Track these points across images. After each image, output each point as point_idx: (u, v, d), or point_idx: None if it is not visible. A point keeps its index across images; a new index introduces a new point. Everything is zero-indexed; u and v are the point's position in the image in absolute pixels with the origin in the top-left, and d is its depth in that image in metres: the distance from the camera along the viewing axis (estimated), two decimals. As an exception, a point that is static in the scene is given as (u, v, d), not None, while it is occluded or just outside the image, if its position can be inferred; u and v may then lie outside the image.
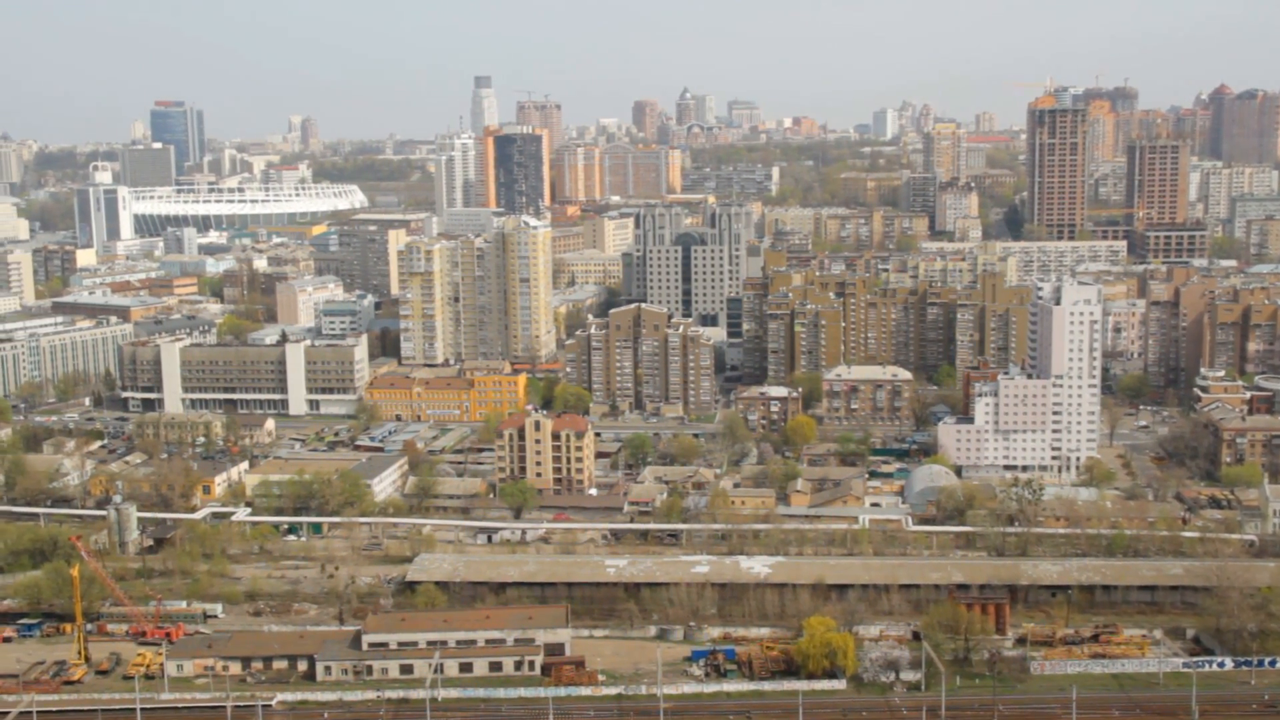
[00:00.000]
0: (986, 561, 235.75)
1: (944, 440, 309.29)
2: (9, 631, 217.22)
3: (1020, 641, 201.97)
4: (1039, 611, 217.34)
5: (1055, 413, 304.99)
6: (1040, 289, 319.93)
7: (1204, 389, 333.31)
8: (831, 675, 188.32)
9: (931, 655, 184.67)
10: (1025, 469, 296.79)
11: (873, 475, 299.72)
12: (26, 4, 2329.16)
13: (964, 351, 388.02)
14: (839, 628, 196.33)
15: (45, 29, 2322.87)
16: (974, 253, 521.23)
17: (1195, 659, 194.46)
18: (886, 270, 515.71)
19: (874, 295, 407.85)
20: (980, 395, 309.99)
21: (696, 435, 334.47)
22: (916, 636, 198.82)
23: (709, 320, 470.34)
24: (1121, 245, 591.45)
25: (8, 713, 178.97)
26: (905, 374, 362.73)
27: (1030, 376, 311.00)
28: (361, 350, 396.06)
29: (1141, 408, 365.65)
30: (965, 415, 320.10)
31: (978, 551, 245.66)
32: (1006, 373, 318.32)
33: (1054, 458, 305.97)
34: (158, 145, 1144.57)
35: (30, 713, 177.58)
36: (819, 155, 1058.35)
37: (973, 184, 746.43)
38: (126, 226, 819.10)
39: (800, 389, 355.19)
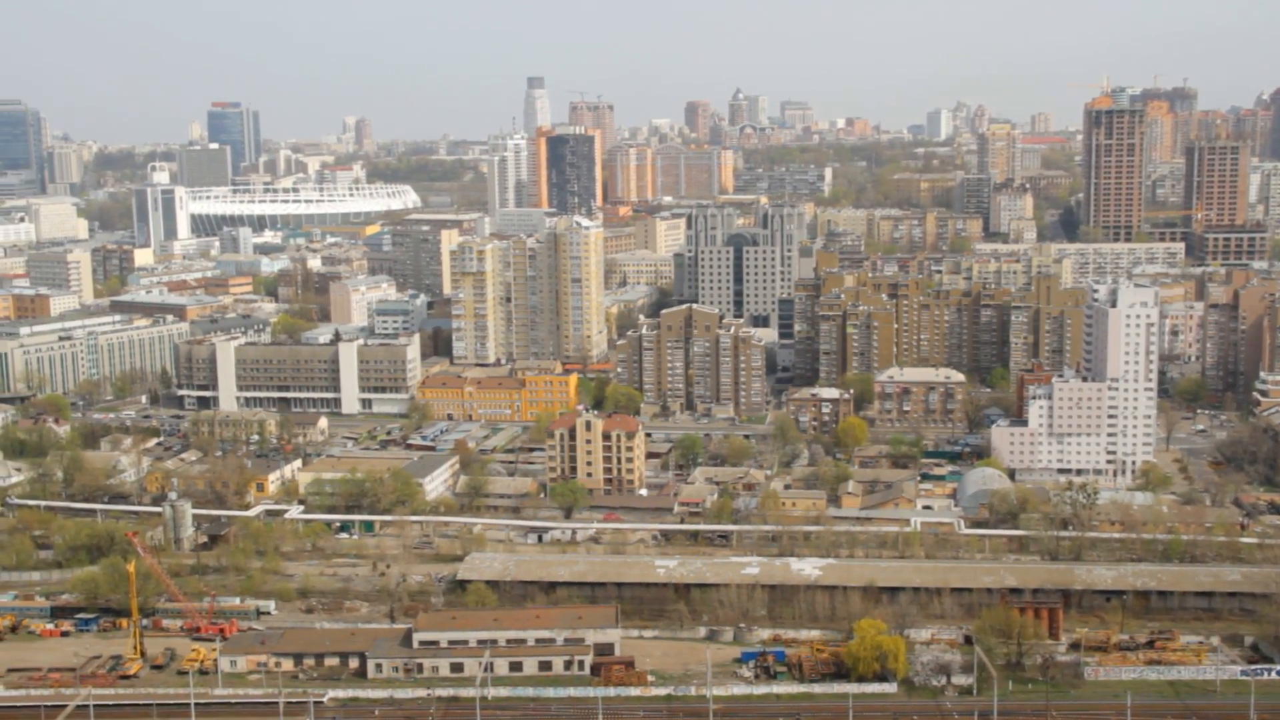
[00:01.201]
0: (1040, 566, 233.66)
1: (997, 443, 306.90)
2: (67, 625, 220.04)
3: (1074, 647, 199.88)
4: (1093, 617, 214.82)
5: (1110, 416, 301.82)
6: (1096, 291, 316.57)
7: (1263, 393, 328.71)
8: (882, 678, 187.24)
9: (983, 659, 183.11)
10: (1079, 473, 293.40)
11: (925, 478, 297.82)
12: (87, 9, 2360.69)
13: (1018, 354, 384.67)
14: (890, 631, 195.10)
15: (105, 32, 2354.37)
16: (1028, 254, 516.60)
17: (1254, 667, 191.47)
18: (940, 272, 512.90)
19: (927, 297, 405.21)
20: (1034, 398, 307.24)
21: (747, 436, 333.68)
22: (968, 640, 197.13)
23: (760, 321, 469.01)
24: (1179, 247, 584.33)
25: (65, 705, 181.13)
26: (958, 376, 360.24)
27: (1085, 379, 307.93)
28: (414, 349, 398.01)
29: (1199, 412, 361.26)
30: (1019, 418, 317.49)
31: (1031, 555, 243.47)
32: (1061, 375, 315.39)
33: (1109, 462, 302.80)
34: (214, 146, 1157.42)
35: (87, 706, 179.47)
36: (872, 156, 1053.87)
37: (1028, 185, 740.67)
38: (183, 226, 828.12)
39: (852, 391, 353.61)
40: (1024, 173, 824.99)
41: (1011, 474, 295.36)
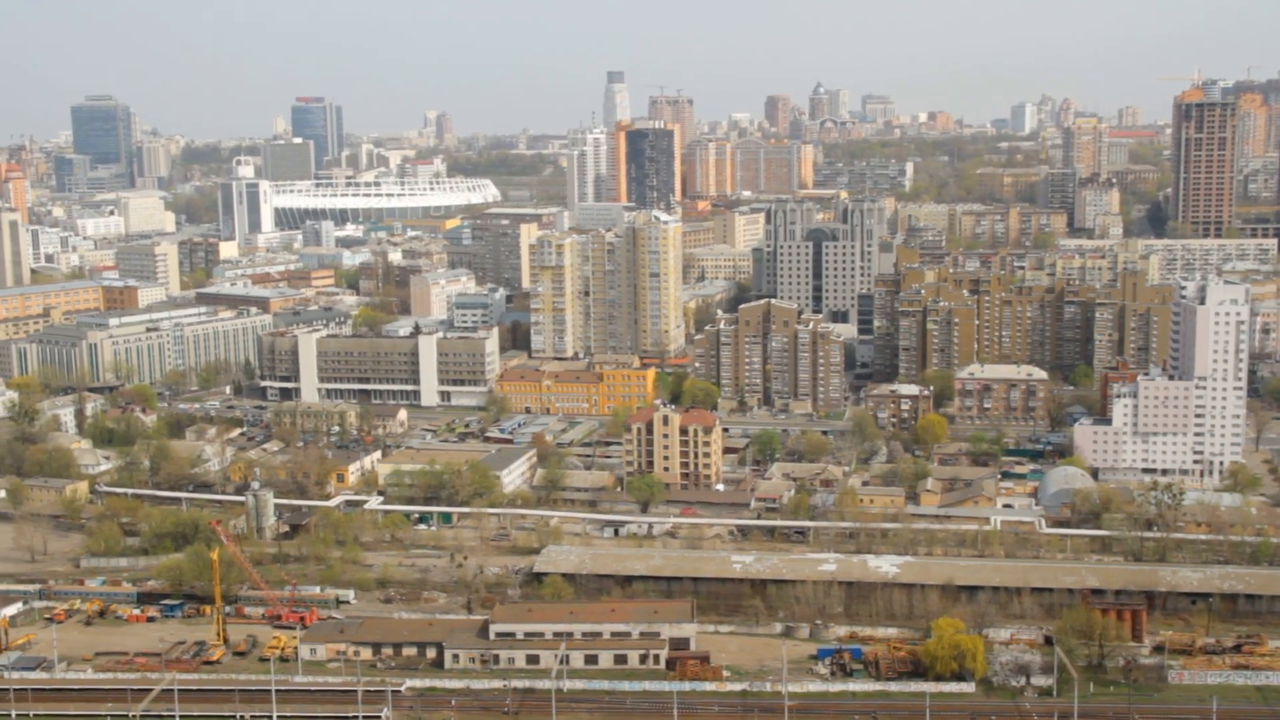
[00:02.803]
0: (1123, 567, 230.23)
1: (1080, 442, 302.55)
2: (153, 611, 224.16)
3: (1158, 649, 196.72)
4: (1177, 619, 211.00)
5: (1198, 416, 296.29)
6: (1184, 288, 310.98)
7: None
8: (960, 678, 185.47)
9: (1064, 660, 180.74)
10: (1165, 473, 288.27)
11: (1005, 476, 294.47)
12: (176, 5, 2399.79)
13: (1102, 351, 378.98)
14: (968, 630, 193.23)
15: (193, 28, 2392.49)
16: (1114, 250, 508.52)
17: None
18: (1023, 268, 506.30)
19: (1009, 293, 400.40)
20: (1119, 396, 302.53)
21: (825, 432, 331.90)
22: (1048, 641, 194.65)
23: (839, 317, 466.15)
24: (1271, 244, 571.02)
25: (151, 689, 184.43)
26: (1040, 373, 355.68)
27: (1172, 378, 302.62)
28: (492, 343, 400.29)
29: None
30: (1102, 416, 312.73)
31: (1114, 556, 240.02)
32: (1147, 374, 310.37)
33: (1195, 462, 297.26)
34: (298, 140, 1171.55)
35: (172, 690, 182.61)
36: (954, 150, 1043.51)
37: (1114, 180, 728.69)
38: (267, 219, 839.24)
39: (932, 387, 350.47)
40: (1110, 167, 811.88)
41: (1094, 473, 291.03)
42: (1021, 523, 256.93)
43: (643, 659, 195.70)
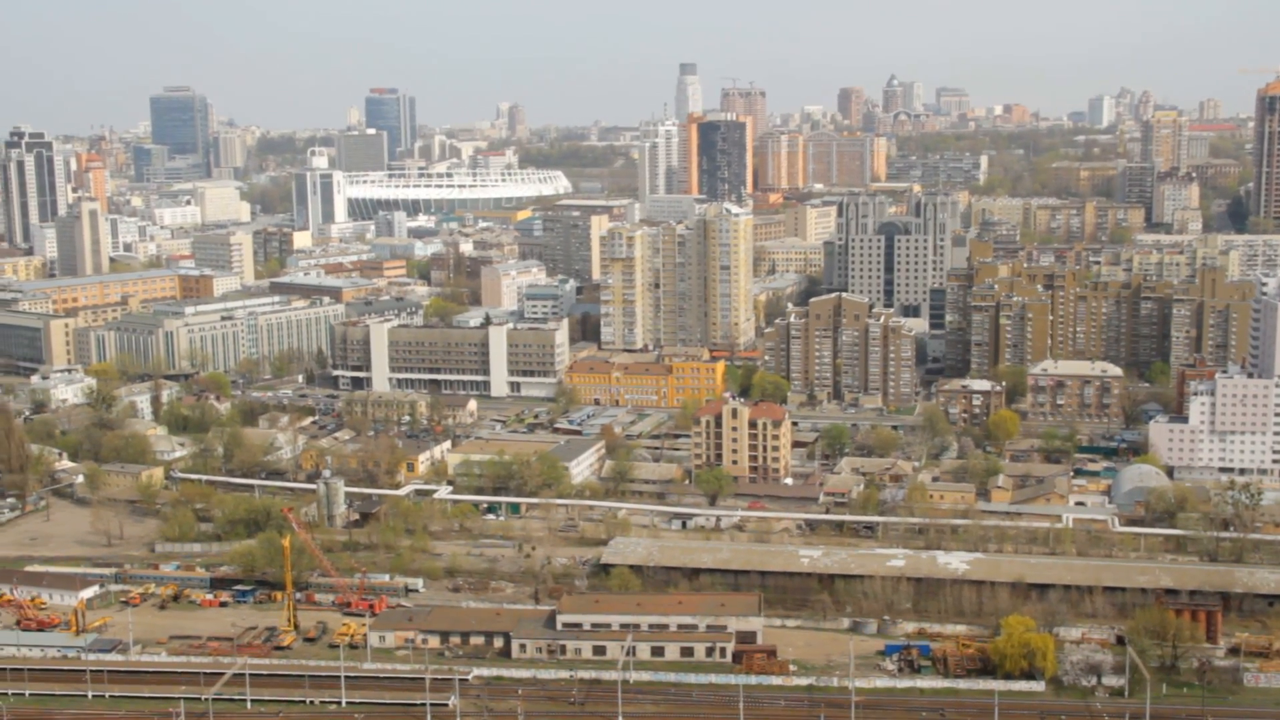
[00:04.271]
0: (1198, 567, 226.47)
1: (1155, 440, 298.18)
2: (225, 596, 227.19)
3: (1233, 651, 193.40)
4: (1254, 621, 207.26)
5: (1277, 414, 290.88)
6: (1265, 284, 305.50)
7: None
8: (1029, 676, 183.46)
9: (1136, 661, 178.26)
10: (1242, 472, 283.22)
11: (1078, 473, 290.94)
12: (253, 2, 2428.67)
13: (1179, 349, 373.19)
14: (1038, 628, 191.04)
15: (268, 20, 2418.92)
16: (1193, 246, 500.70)
17: None
18: (1098, 263, 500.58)
19: (1084, 288, 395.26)
20: (1196, 394, 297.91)
21: (895, 427, 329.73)
22: (1121, 641, 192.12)
23: (911, 311, 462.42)
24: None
25: (223, 673, 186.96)
26: (1115, 370, 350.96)
27: (1251, 376, 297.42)
28: (562, 334, 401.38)
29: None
30: (1179, 414, 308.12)
31: (1189, 556, 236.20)
32: (1225, 371, 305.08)
33: (1275, 461, 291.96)
34: (371, 131, 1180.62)
35: (243, 675, 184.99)
36: (1030, 144, 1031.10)
37: (1194, 174, 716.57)
38: (340, 210, 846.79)
39: (1004, 383, 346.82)
40: (1190, 161, 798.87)
41: (1170, 472, 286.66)
42: (1094, 521, 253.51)
43: (709, 652, 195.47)
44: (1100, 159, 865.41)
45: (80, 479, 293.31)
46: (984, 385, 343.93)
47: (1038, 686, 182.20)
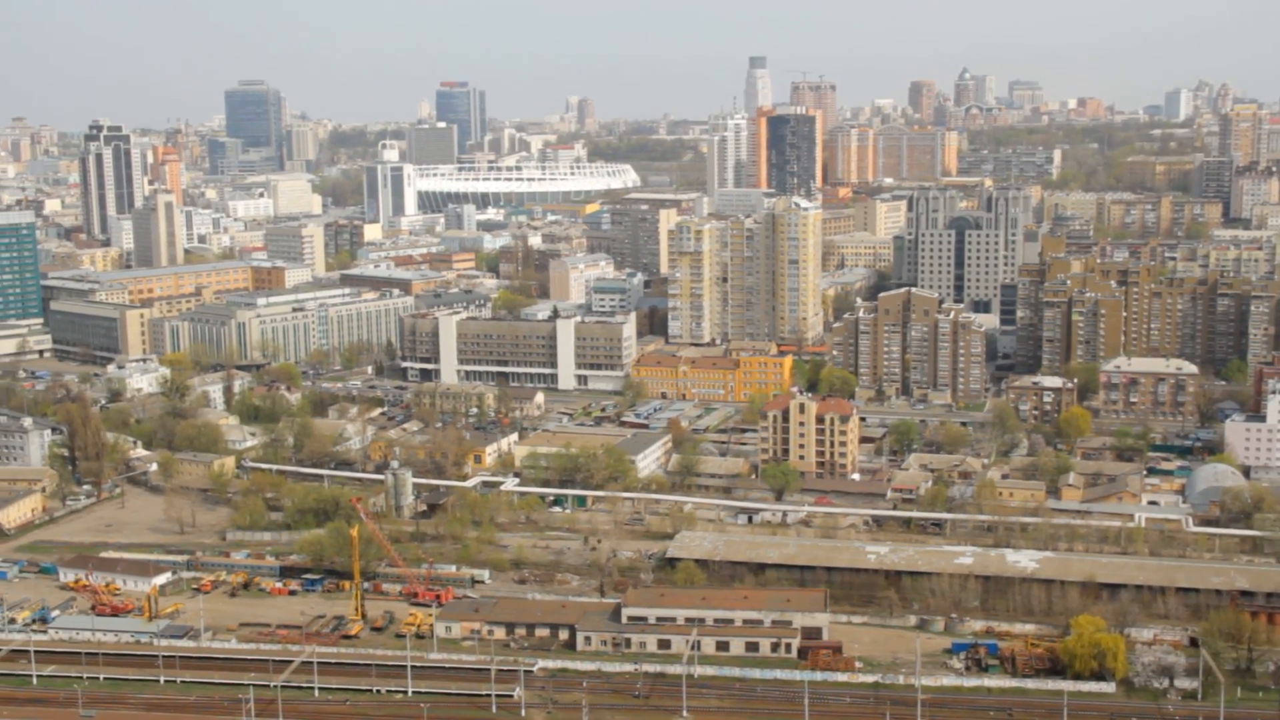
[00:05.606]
0: (1275, 568, 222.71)
1: (1231, 438, 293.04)
2: (294, 585, 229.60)
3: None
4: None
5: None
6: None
7: None
8: (1099, 677, 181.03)
9: (1210, 663, 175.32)
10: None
11: (1151, 472, 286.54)
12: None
13: (1257, 346, 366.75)
14: (1109, 628, 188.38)
15: (342, 15, 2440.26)
16: (1272, 241, 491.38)
17: None
18: (1174, 259, 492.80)
19: (1159, 284, 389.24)
20: (1274, 392, 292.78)
21: (964, 424, 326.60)
22: (1194, 643, 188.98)
23: (981, 307, 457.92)
24: None
25: (291, 661, 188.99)
26: (1190, 368, 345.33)
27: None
28: (630, 328, 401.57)
29: None
30: (1256, 413, 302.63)
31: (1265, 557, 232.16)
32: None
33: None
34: (442, 125, 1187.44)
35: (311, 663, 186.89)
36: (1104, 138, 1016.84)
37: (1274, 168, 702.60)
38: (410, 203, 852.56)
39: (1076, 380, 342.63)
40: (1270, 155, 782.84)
41: (1246, 471, 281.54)
42: (1168, 520, 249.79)
43: (774, 647, 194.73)
44: (1177, 153, 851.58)
45: (154, 467, 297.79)
46: (1055, 382, 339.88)
47: (1108, 688, 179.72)
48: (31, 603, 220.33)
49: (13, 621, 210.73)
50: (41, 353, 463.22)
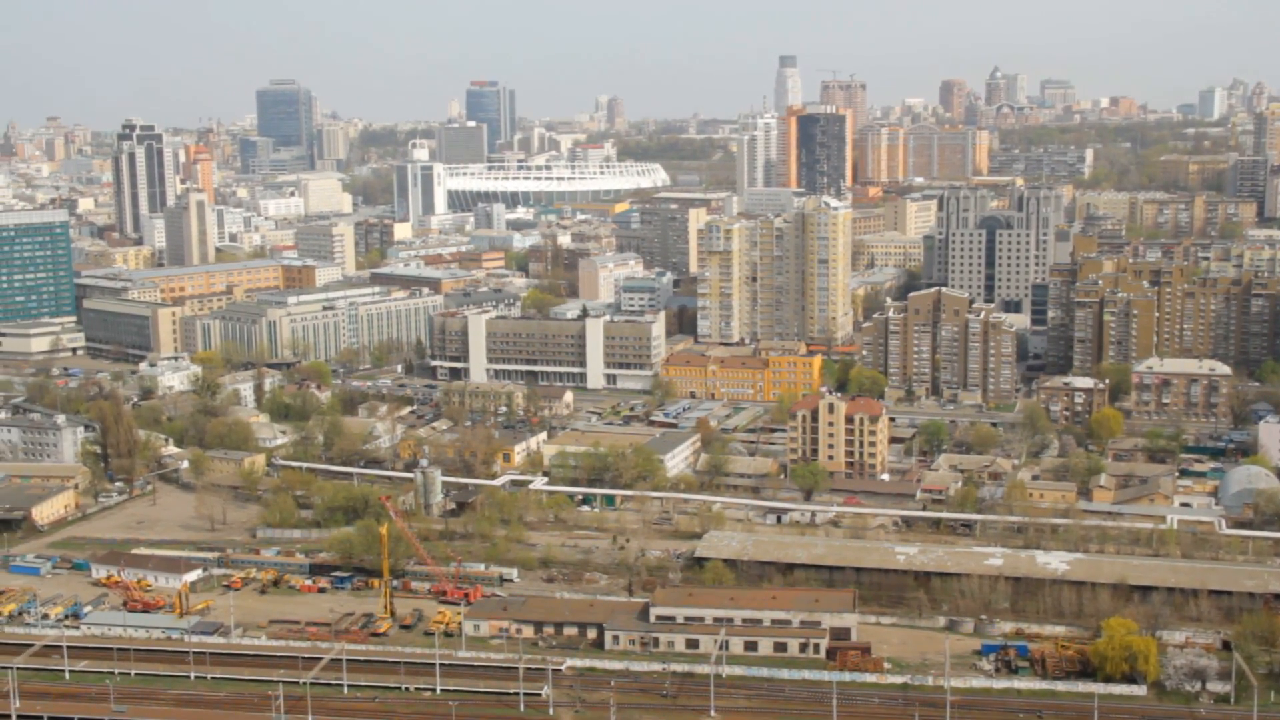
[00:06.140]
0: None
1: (1265, 440, 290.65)
2: (324, 582, 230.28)
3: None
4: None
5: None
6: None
7: None
8: (1130, 680, 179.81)
9: (1243, 667, 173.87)
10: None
11: (1183, 474, 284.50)
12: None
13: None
14: (1140, 631, 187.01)
15: (372, 16, 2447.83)
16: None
17: None
18: (1207, 259, 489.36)
19: (1192, 284, 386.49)
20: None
21: (995, 424, 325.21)
22: (1226, 646, 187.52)
23: (1012, 306, 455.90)
24: None
25: (320, 658, 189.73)
26: (1224, 369, 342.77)
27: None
28: (659, 327, 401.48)
29: None
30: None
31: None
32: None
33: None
34: (471, 124, 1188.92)
35: (340, 660, 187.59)
36: (1137, 137, 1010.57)
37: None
38: (440, 201, 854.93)
39: (1107, 381, 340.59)
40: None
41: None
42: (1200, 522, 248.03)
43: (803, 648, 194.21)
44: (1210, 152, 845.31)
45: (185, 464, 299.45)
46: (1086, 383, 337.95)
47: (1139, 690, 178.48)
48: (64, 598, 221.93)
49: (46, 617, 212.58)
50: (75, 350, 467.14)
